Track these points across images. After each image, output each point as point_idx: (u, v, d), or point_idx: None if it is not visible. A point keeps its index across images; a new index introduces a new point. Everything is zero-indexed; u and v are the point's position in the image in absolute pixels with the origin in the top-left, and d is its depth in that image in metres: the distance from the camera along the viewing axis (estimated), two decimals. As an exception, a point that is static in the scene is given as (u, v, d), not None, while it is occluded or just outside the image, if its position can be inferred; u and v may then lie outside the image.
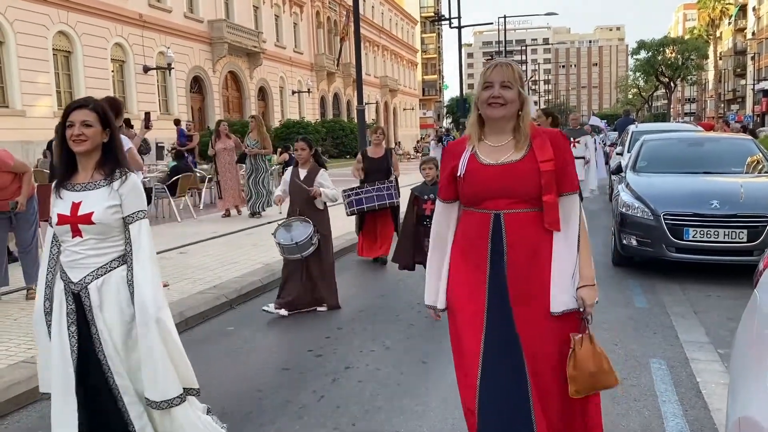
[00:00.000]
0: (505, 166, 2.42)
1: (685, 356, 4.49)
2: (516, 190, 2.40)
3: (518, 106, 2.44)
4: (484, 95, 2.42)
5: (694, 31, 75.52)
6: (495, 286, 2.48)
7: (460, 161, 2.49)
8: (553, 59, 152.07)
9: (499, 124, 2.46)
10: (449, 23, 32.05)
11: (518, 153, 2.43)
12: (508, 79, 2.40)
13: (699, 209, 6.55)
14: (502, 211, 2.42)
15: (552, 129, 2.51)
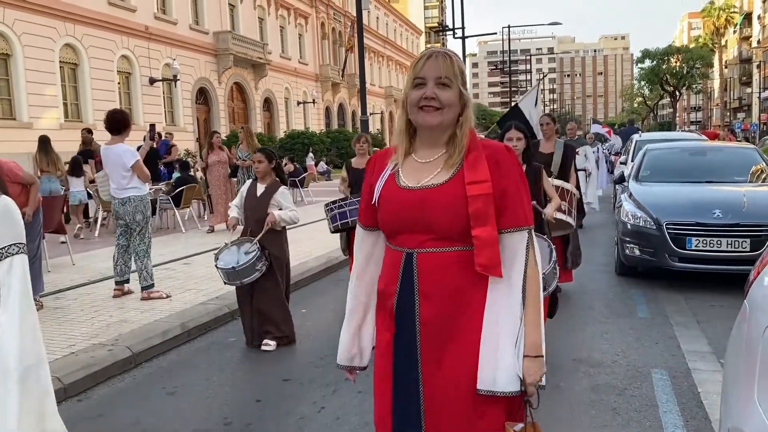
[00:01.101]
0: (425, 190, 1.85)
1: (687, 366, 4.47)
2: (435, 221, 1.82)
3: (458, 110, 1.87)
4: (415, 96, 1.85)
5: (699, 39, 75.56)
6: (402, 349, 1.90)
7: (378, 181, 1.95)
8: (558, 68, 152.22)
9: (432, 134, 1.90)
10: (453, 34, 32.18)
11: (445, 173, 1.86)
12: (446, 75, 1.83)
13: (701, 218, 6.54)
14: (416, 250, 1.85)
15: (497, 142, 1.96)
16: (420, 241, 1.85)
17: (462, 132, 1.87)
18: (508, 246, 1.84)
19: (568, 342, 5.05)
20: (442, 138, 1.90)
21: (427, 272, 1.85)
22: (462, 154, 1.86)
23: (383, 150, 2.06)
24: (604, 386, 4.15)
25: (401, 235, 1.89)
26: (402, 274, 1.89)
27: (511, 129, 4.57)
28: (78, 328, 5.41)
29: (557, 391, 4.09)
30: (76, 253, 8.69)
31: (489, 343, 1.81)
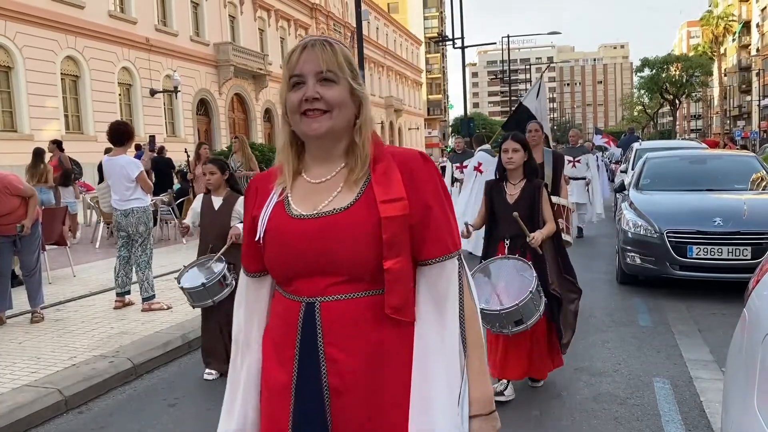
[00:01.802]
0: (325, 219, 1.43)
1: (689, 375, 4.46)
2: (341, 258, 1.41)
3: (352, 111, 1.48)
4: (294, 99, 1.46)
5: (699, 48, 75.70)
6: (305, 426, 1.46)
7: (261, 212, 1.52)
8: (558, 78, 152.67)
9: (324, 146, 1.49)
10: (453, 44, 32.30)
11: (349, 193, 1.45)
12: (328, 68, 1.44)
13: (702, 227, 6.54)
14: (318, 298, 1.43)
15: (407, 149, 1.54)
16: (322, 286, 1.43)
17: (362, 138, 1.48)
18: (437, 280, 1.45)
19: (569, 350, 5.02)
20: (338, 149, 1.50)
21: (334, 327, 1.42)
22: (367, 167, 1.46)
23: (265, 171, 1.63)
24: (606, 395, 4.14)
25: (297, 280, 1.46)
26: (301, 331, 1.45)
27: (507, 140, 4.09)
28: (79, 339, 5.40)
29: (559, 400, 4.08)
30: (76, 265, 8.70)
31: (419, 407, 1.41)
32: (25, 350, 5.11)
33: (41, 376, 4.47)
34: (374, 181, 1.44)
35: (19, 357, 4.94)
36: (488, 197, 4.19)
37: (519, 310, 3.65)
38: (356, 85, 1.48)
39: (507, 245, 4.02)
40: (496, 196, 4.14)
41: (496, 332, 3.81)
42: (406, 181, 1.45)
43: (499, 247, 4.09)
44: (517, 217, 3.86)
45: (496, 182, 4.21)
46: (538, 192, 4.05)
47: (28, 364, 4.74)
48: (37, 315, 6.07)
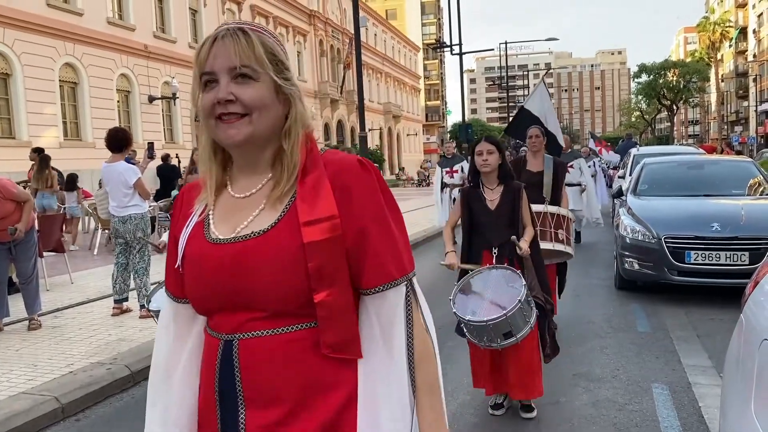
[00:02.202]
0: (242, 244, 1.22)
1: (687, 381, 4.46)
2: (259, 290, 1.20)
3: (279, 112, 1.24)
4: (206, 101, 1.23)
5: (696, 53, 75.99)
6: None
7: (182, 233, 1.32)
8: (556, 83, 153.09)
9: (247, 155, 1.27)
10: (451, 50, 32.38)
11: (270, 212, 1.23)
12: (244, 62, 1.20)
13: (700, 232, 6.55)
14: (236, 336, 1.22)
15: (345, 155, 1.30)
16: (240, 321, 1.22)
17: (291, 143, 1.24)
18: (379, 313, 1.23)
19: (568, 356, 5.03)
20: (265, 156, 1.27)
21: (253, 369, 1.21)
22: (293, 180, 1.23)
23: (193, 182, 1.39)
24: (605, 401, 4.14)
25: (216, 314, 1.25)
26: (219, 374, 1.24)
27: (481, 141, 3.88)
28: (76, 347, 5.39)
29: (558, 406, 4.07)
30: (74, 272, 8.68)
31: None
32: (22, 357, 5.10)
33: (38, 383, 4.46)
34: (299, 197, 1.21)
35: (16, 364, 4.92)
36: (466, 207, 3.95)
37: (507, 321, 3.42)
38: (282, 81, 1.23)
39: (495, 254, 3.82)
40: (475, 203, 3.90)
41: (485, 347, 3.60)
42: (339, 196, 1.21)
43: (483, 257, 3.89)
44: (514, 240, 3.73)
45: (472, 189, 3.95)
46: (518, 195, 3.87)
47: (24, 371, 4.73)
48: (35, 322, 6.06)
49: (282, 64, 1.25)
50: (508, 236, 3.78)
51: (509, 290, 3.56)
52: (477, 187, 3.92)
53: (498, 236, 3.83)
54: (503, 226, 3.82)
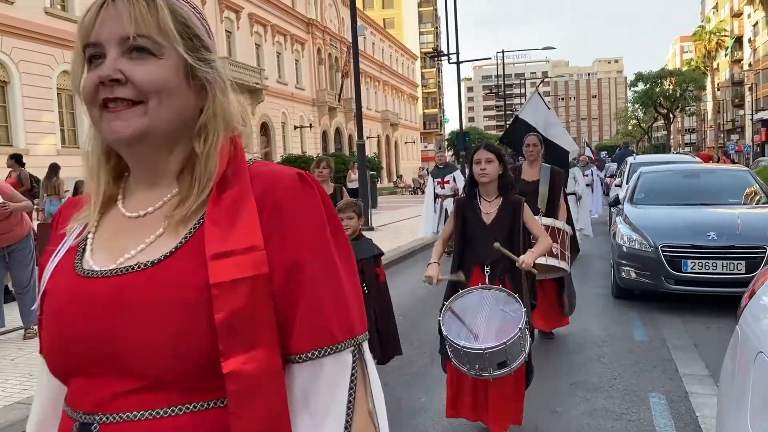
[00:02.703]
0: (121, 279, 0.88)
1: (684, 390, 4.45)
2: (137, 349, 0.84)
3: (191, 103, 0.93)
4: (89, 82, 0.91)
5: (692, 62, 76.37)
6: None
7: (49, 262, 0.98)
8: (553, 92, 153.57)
9: (142, 159, 0.94)
10: (448, 59, 32.48)
11: (170, 238, 0.91)
12: (141, 31, 0.88)
13: (697, 241, 6.56)
14: (98, 417, 0.86)
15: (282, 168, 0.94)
16: (107, 394, 0.85)
17: (206, 147, 0.91)
18: (311, 389, 0.88)
19: (565, 365, 5.03)
20: (168, 165, 0.93)
21: None
22: (206, 196, 0.89)
23: (76, 197, 1.03)
24: (602, 411, 4.13)
25: (75, 381, 0.89)
26: None
27: (479, 149, 3.61)
28: (72, 356, 5.36)
29: (555, 416, 4.07)
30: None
31: None
32: (18, 367, 5.07)
33: (33, 393, 4.43)
34: (209, 219, 0.87)
35: (11, 374, 4.90)
36: (459, 217, 3.66)
37: (505, 350, 3.10)
38: (195, 61, 0.90)
39: (487, 273, 3.51)
40: (469, 215, 3.62)
41: (474, 376, 3.25)
42: (268, 220, 0.87)
43: (474, 274, 3.57)
44: (499, 248, 3.41)
45: (467, 200, 3.68)
46: (518, 209, 3.57)
47: (20, 381, 4.71)
48: (30, 331, 6.03)
49: (198, 40, 0.92)
50: (502, 254, 3.49)
51: (502, 315, 3.24)
52: (473, 198, 3.65)
53: (490, 253, 3.50)
54: (493, 243, 3.50)
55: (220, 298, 0.82)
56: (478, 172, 3.54)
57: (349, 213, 4.11)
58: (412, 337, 5.72)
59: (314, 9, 44.86)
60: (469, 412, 3.59)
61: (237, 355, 0.82)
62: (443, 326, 3.29)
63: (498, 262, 3.52)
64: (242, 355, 0.82)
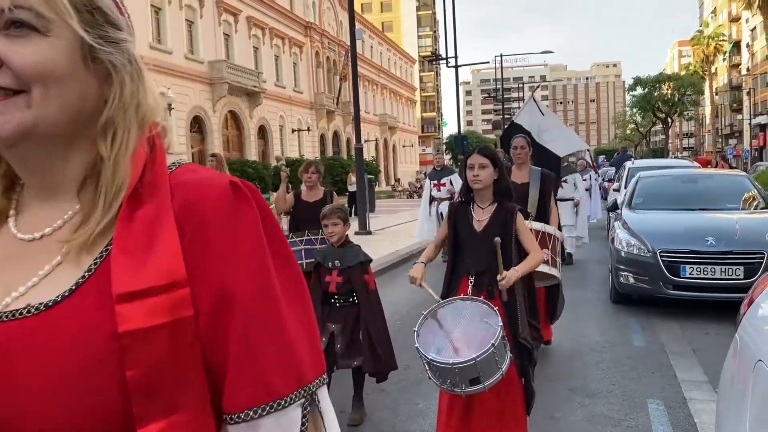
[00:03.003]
0: (8, 326, 0.67)
1: (683, 396, 4.44)
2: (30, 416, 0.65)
3: (88, 92, 0.72)
4: None
5: (690, 67, 76.52)
6: None
7: None
8: (551, 96, 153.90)
9: (36, 164, 0.74)
10: (446, 62, 32.51)
11: (69, 272, 0.70)
12: (19, 2, 0.67)
13: (695, 246, 6.56)
14: None
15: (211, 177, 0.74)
16: None
17: (113, 149, 0.73)
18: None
19: (563, 371, 5.01)
20: (67, 172, 0.75)
21: None
22: (113, 213, 0.72)
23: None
24: (600, 417, 4.11)
25: None
26: None
27: (473, 154, 3.34)
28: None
29: (553, 422, 4.05)
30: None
31: None
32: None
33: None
34: (117, 246, 0.69)
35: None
36: (452, 223, 3.44)
37: (476, 366, 2.84)
38: (95, 40, 0.71)
39: (471, 283, 3.27)
40: (461, 221, 3.40)
41: (447, 390, 3.04)
42: (189, 244, 0.70)
43: (462, 284, 3.35)
44: (498, 243, 3.11)
45: (461, 205, 3.46)
46: (511, 218, 3.30)
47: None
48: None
49: (101, 14, 0.73)
50: (490, 265, 3.21)
51: (484, 327, 2.98)
52: (467, 204, 3.43)
53: (478, 263, 3.27)
54: (486, 252, 3.22)
55: (132, 350, 0.65)
56: (471, 177, 3.31)
57: (333, 219, 4.01)
58: (409, 342, 5.69)
59: (313, 12, 44.92)
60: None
61: (155, 420, 0.66)
62: (417, 337, 3.05)
63: (485, 273, 3.25)
64: (162, 420, 0.66)
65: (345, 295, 3.99)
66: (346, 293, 3.99)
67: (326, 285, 4.01)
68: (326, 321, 4.00)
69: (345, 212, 4.11)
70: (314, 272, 4.12)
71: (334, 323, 3.97)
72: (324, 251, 4.19)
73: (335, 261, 4.01)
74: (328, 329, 3.99)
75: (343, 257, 3.99)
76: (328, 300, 4.03)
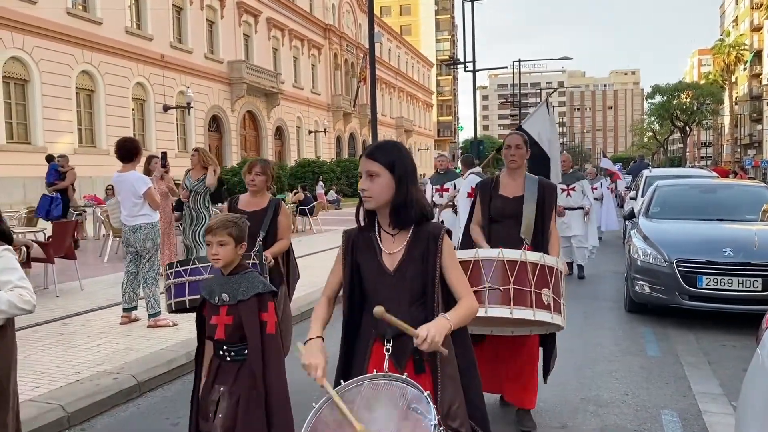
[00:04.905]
0: None
1: (697, 408, 4.39)
2: None
3: None
4: None
5: (710, 76, 75.85)
6: None
7: None
8: (568, 102, 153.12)
9: None
10: (464, 67, 32.46)
11: None
12: None
13: (712, 257, 6.49)
14: None
15: None
16: None
17: None
18: None
19: (576, 380, 4.98)
20: None
21: None
22: None
23: None
24: (613, 427, 4.08)
25: None
26: None
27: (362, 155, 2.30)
28: (84, 355, 5.39)
29: (565, 430, 4.03)
30: (84, 278, 8.71)
31: None
32: (31, 365, 5.11)
33: (45, 391, 4.46)
34: None
35: (23, 371, 4.92)
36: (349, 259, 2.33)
37: None
38: None
39: (388, 352, 2.13)
40: (364, 257, 2.30)
41: None
42: None
43: (373, 351, 2.26)
44: (382, 314, 2.02)
45: (360, 234, 2.32)
46: (434, 249, 2.21)
47: (32, 378, 4.74)
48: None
49: None
50: (412, 320, 2.11)
51: (412, 421, 1.91)
52: (369, 230, 2.30)
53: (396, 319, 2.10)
54: (405, 302, 2.22)
55: None
56: (361, 189, 2.23)
57: (220, 237, 2.80)
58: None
59: (332, 15, 45.05)
60: None
61: None
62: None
63: (406, 337, 2.11)
64: None
65: (238, 344, 2.79)
66: (239, 341, 2.79)
67: (212, 329, 2.82)
68: (215, 383, 2.83)
69: (239, 227, 2.88)
70: (198, 312, 2.94)
71: (223, 385, 2.78)
72: (209, 282, 2.99)
73: (223, 294, 2.82)
74: (214, 397, 2.79)
75: (234, 289, 2.82)
76: (219, 351, 2.84)
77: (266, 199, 4.55)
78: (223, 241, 2.81)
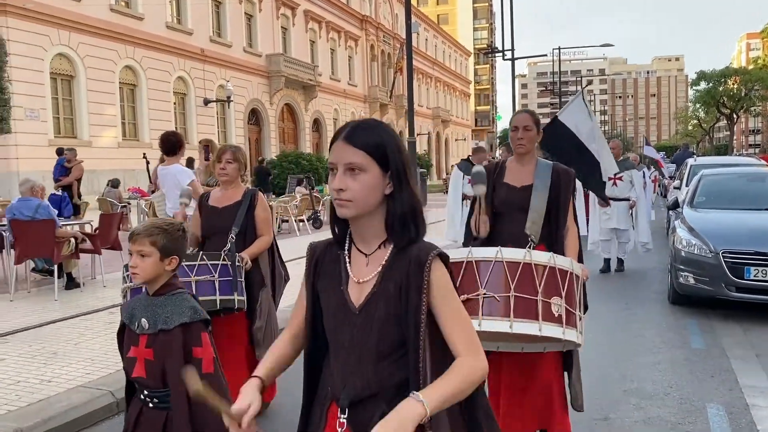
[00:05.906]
0: None
1: (745, 402, 4.30)
2: None
3: None
4: None
5: (758, 60, 73.36)
6: None
7: None
8: (610, 90, 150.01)
9: None
10: (503, 55, 32.10)
11: None
12: None
13: (761, 247, 6.32)
14: None
15: None
16: None
17: None
18: None
19: (618, 371, 4.92)
20: None
21: None
22: None
23: None
24: (657, 419, 4.03)
25: None
26: None
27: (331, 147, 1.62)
28: (131, 343, 5.54)
29: (607, 423, 3.99)
30: (130, 269, 8.93)
31: None
32: (81, 351, 5.28)
33: (95, 377, 4.61)
34: None
35: (74, 358, 5.10)
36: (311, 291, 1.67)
37: None
38: None
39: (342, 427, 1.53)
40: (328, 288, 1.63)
41: None
42: None
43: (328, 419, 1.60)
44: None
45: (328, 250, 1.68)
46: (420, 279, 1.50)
47: (83, 365, 4.90)
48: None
49: None
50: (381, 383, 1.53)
51: None
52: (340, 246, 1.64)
53: (357, 377, 1.55)
54: (371, 356, 1.54)
55: None
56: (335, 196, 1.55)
57: (141, 246, 2.27)
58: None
59: (368, 5, 45.00)
60: None
61: None
62: None
63: (371, 401, 1.53)
64: None
65: (162, 388, 2.25)
66: (164, 383, 2.24)
67: (130, 364, 2.29)
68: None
69: (173, 238, 2.31)
70: (118, 341, 2.43)
71: None
72: (131, 304, 2.42)
73: (142, 320, 2.28)
74: None
75: (157, 313, 2.27)
76: (140, 393, 2.31)
77: (240, 191, 3.95)
78: (144, 251, 2.25)
